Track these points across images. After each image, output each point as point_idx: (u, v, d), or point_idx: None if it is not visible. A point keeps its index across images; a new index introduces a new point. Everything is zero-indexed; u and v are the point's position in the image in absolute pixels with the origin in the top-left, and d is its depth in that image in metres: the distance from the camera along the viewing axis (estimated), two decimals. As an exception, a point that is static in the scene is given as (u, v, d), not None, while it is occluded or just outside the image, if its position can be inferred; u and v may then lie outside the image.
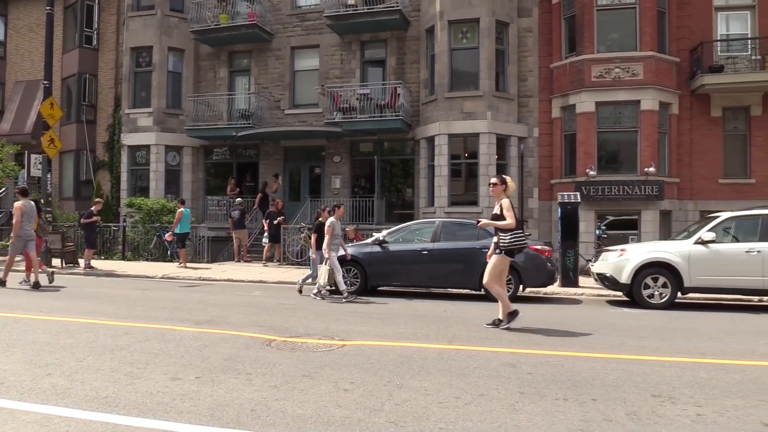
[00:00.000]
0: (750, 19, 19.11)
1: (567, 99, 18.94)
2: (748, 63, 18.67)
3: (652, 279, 11.31)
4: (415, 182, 20.91)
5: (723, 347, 7.55)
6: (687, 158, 18.95)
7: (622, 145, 18.60)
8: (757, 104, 18.72)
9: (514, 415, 4.65)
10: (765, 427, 4.47)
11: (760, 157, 18.74)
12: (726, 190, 18.83)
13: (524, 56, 19.96)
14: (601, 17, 18.53)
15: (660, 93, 18.16)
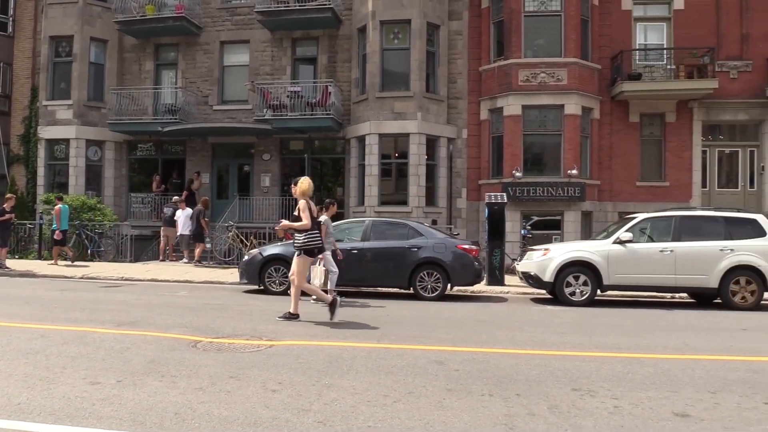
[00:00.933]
0: (666, 31, 20.11)
1: (495, 102, 19.39)
2: (663, 72, 19.64)
3: (574, 277, 11.73)
4: (346, 181, 20.91)
5: (638, 342, 7.92)
6: (607, 161, 19.75)
7: (546, 148, 19.20)
8: (671, 111, 19.73)
9: (441, 412, 4.73)
10: (675, 417, 4.72)
11: (674, 162, 19.76)
12: (642, 192, 19.75)
13: (454, 58, 20.29)
14: (528, 23, 19.06)
15: (583, 98, 18.85)
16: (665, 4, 20.05)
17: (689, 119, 19.76)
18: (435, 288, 12.12)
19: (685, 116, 19.76)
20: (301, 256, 8.86)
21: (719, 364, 6.65)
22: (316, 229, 8.95)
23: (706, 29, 19.70)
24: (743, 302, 11.44)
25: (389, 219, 14.12)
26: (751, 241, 11.60)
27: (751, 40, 19.60)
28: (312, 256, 8.98)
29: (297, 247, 8.87)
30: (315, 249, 8.90)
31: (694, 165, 19.74)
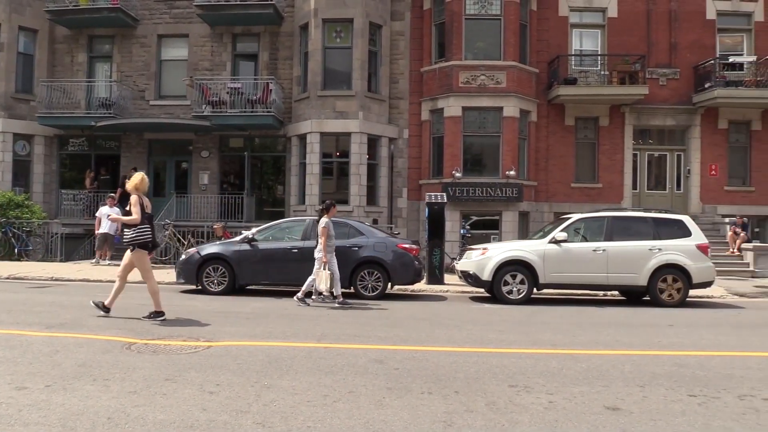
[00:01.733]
0: (600, 37, 20.81)
1: (436, 103, 19.61)
2: (597, 77, 20.32)
3: (511, 276, 11.98)
4: (287, 180, 20.72)
5: (572, 338, 8.16)
6: (543, 163, 20.28)
7: (485, 149, 19.56)
8: (604, 115, 20.43)
9: (381, 411, 4.75)
10: (607, 410, 4.89)
11: (606, 164, 20.46)
12: (577, 193, 20.37)
13: (396, 59, 20.40)
14: (469, 26, 19.35)
15: (521, 101, 19.29)
16: (600, 12, 20.74)
17: (621, 123, 20.51)
18: (375, 287, 12.16)
19: (617, 120, 20.49)
20: (135, 251, 8.80)
21: (648, 359, 6.92)
22: (146, 224, 8.80)
23: (638, 37, 20.49)
24: (670, 299, 11.94)
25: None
26: (677, 241, 12.12)
27: (679, 49, 20.50)
28: (147, 250, 8.87)
29: (127, 242, 8.82)
30: (148, 243, 8.82)
31: (625, 167, 20.50)
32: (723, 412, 4.95)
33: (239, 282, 12.38)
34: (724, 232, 19.03)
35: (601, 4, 20.63)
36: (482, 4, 19.32)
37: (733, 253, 18.28)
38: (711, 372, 6.31)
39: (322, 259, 10.89)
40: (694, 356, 7.14)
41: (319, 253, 10.97)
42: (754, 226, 20.54)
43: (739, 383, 5.87)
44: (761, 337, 8.63)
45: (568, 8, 20.59)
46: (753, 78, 19.82)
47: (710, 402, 5.22)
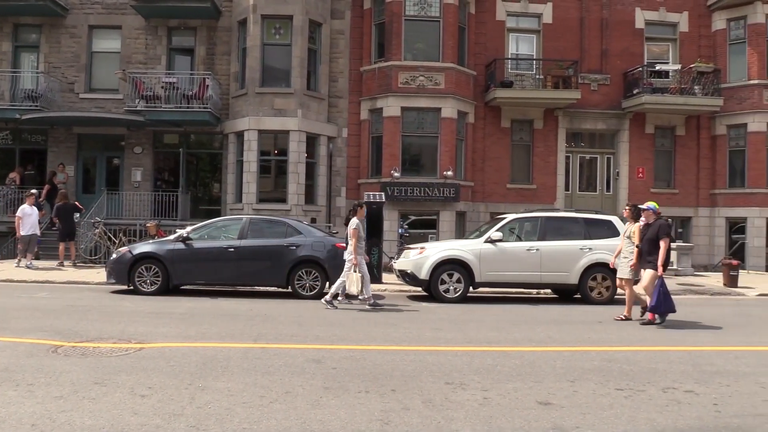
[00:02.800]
0: (536, 42, 21.33)
1: (375, 102, 19.66)
2: (533, 81, 20.82)
3: (448, 275, 12.14)
4: (223, 177, 20.34)
5: (507, 336, 8.35)
6: (480, 164, 20.64)
7: (424, 149, 19.76)
8: (539, 118, 20.97)
9: (318, 410, 4.74)
10: (539, 405, 5.03)
11: (541, 166, 21.02)
12: (513, 194, 20.84)
13: (336, 57, 20.34)
14: (408, 27, 19.48)
15: (459, 102, 19.57)
16: (536, 18, 21.26)
17: (555, 126, 21.10)
18: (313, 286, 12.11)
19: (551, 123, 21.07)
20: None
21: (578, 355, 7.16)
22: None
23: (571, 43, 21.13)
24: (599, 297, 12.38)
25: (268, 217, 13.94)
26: (606, 241, 12.56)
27: (610, 55, 21.25)
28: None
29: None
30: None
31: (558, 169, 21.10)
32: (648, 404, 5.17)
33: (173, 282, 12.08)
34: (650, 232, 19.81)
35: (537, 10, 21.16)
36: (422, 5, 19.49)
37: (658, 253, 19.06)
38: (637, 366, 6.58)
39: (353, 261, 10.77)
40: (621, 352, 7.43)
41: (350, 255, 10.86)
42: (678, 226, 21.51)
43: (662, 377, 6.14)
44: (683, 332, 9.05)
45: (505, 13, 21.03)
46: (677, 85, 20.74)
47: (636, 395, 5.44)
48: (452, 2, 19.32)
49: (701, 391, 5.64)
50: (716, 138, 21.65)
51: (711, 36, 21.71)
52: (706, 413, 4.96)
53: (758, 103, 20.75)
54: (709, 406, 5.15)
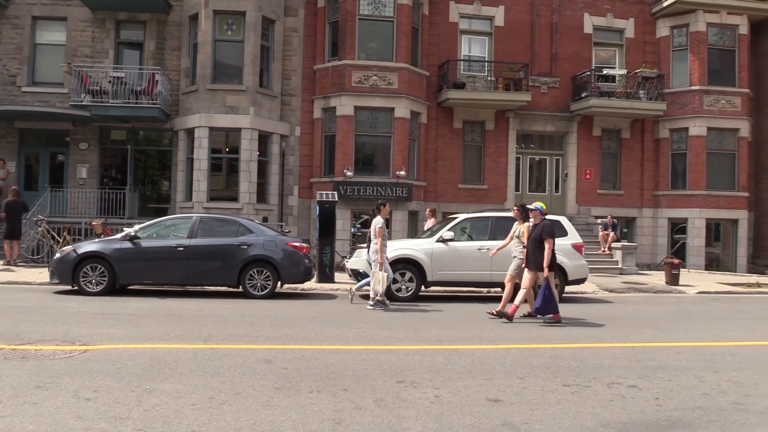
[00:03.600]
0: (488, 45, 21.63)
1: (328, 101, 19.59)
2: (485, 83, 21.11)
3: (400, 274, 12.18)
4: (173, 175, 19.93)
5: (457, 334, 8.44)
6: (432, 164, 20.81)
7: (377, 149, 19.80)
8: (490, 120, 21.27)
9: (269, 411, 4.70)
10: (489, 402, 5.11)
11: (492, 167, 21.33)
12: (464, 194, 21.08)
13: (289, 55, 20.18)
14: (362, 26, 19.48)
15: (412, 103, 19.67)
16: (488, 20, 21.55)
17: (506, 128, 21.44)
18: (265, 286, 11.98)
19: (502, 125, 21.41)
20: None
21: (527, 352, 7.29)
22: None
23: (522, 46, 21.50)
24: (548, 296, 12.61)
25: (218, 215, 13.73)
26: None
27: (559, 59, 21.72)
28: None
29: None
30: None
31: (509, 170, 21.46)
32: (593, 399, 5.31)
33: (120, 282, 11.78)
34: (597, 232, 20.37)
35: (489, 13, 21.46)
36: (376, 5, 19.52)
37: (604, 252, 19.61)
38: (583, 363, 6.74)
39: (378, 260, 10.82)
40: (569, 348, 7.60)
41: (375, 255, 10.90)
42: (623, 226, 22.15)
43: (607, 372, 6.32)
44: (627, 330, 9.33)
45: (459, 15, 21.25)
46: (623, 90, 21.37)
47: (582, 391, 5.58)
48: (406, 3, 19.41)
49: (644, 385, 5.82)
50: (659, 141, 22.38)
51: (655, 42, 22.42)
52: (648, 407, 5.12)
53: (699, 108, 21.56)
54: (651, 401, 5.32)
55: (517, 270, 10.18)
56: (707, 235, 21.83)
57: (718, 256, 22.32)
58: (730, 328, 9.81)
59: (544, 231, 9.61)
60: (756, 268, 22.35)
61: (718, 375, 6.35)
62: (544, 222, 9.82)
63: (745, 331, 9.59)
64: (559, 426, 4.59)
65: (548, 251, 9.51)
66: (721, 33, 22.03)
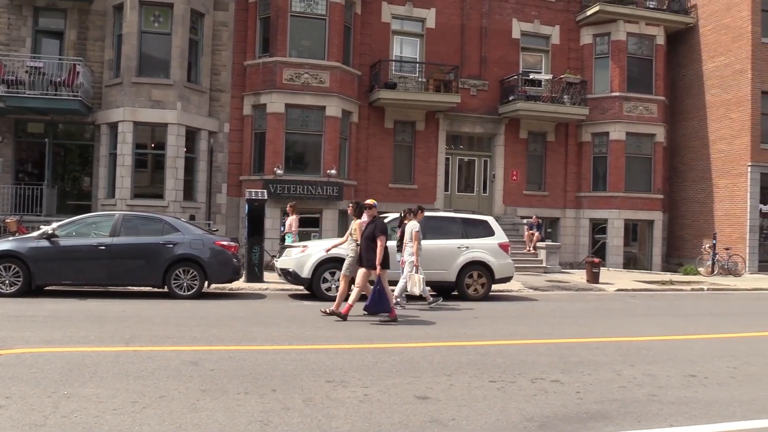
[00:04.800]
0: (419, 46, 21.86)
1: (259, 98, 19.31)
2: (416, 83, 21.32)
3: (330, 273, 12.15)
4: (95, 171, 19.15)
5: (386, 333, 8.51)
6: (363, 163, 20.86)
7: (308, 147, 19.67)
8: (421, 120, 21.51)
9: (195, 414, 4.59)
10: (417, 399, 5.17)
11: (422, 167, 21.58)
12: (395, 193, 21.23)
13: (218, 50, 19.75)
14: (294, 23, 19.29)
15: (343, 102, 19.65)
16: (420, 22, 21.79)
17: (436, 129, 21.74)
18: (191, 286, 11.69)
19: (432, 126, 21.69)
20: None
21: (455, 350, 7.42)
22: None
23: (453, 49, 21.86)
24: (475, 293, 12.90)
25: (142, 213, 13.27)
26: (482, 240, 13.13)
27: (488, 63, 22.20)
28: None
29: None
30: None
31: (438, 170, 21.77)
32: (518, 394, 5.47)
33: (36, 282, 11.22)
34: (522, 231, 20.94)
35: (421, 14, 21.69)
36: (308, 2, 19.38)
37: (529, 251, 20.19)
38: (509, 359, 6.93)
39: (414, 262, 10.97)
40: (495, 345, 7.80)
41: (411, 257, 11.07)
42: (547, 226, 22.87)
43: (531, 368, 6.51)
44: (551, 327, 9.65)
45: (391, 15, 21.38)
46: (549, 94, 22.07)
47: (508, 386, 5.73)
48: (339, 1, 19.36)
49: (566, 380, 6.04)
50: (582, 144, 23.24)
51: (579, 49, 23.27)
52: (570, 401, 5.31)
53: (619, 114, 22.52)
54: (572, 394, 5.52)
55: (351, 268, 9.95)
56: (625, 235, 22.84)
57: (635, 255, 23.39)
58: (645, 324, 10.30)
59: (377, 228, 9.41)
60: (669, 266, 23.57)
61: (634, 368, 6.65)
62: (378, 220, 9.66)
63: (659, 326, 10.09)
64: (485, 421, 4.69)
65: (380, 249, 9.29)
66: (640, 43, 23.10)
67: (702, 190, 23.86)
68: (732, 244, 22.02)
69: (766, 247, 22.78)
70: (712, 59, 23.53)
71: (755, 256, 22.10)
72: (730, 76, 22.76)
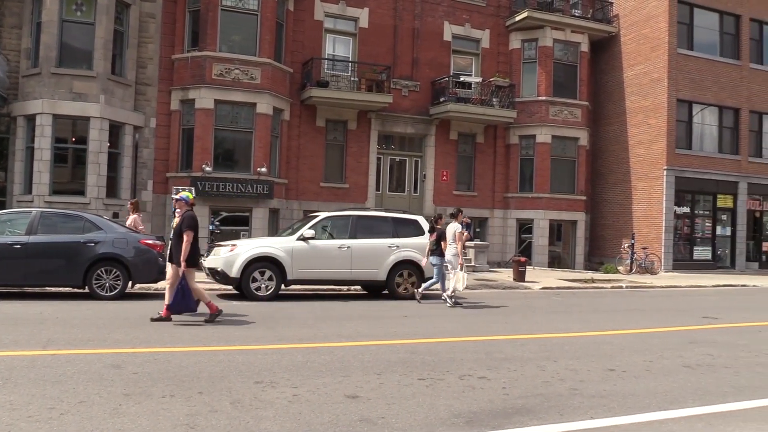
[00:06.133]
0: (352, 45, 21.86)
1: (187, 93, 18.82)
2: (348, 83, 21.30)
3: (260, 272, 11.99)
4: (10, 166, 18.17)
5: (317, 332, 8.47)
6: (295, 162, 20.68)
7: (238, 145, 19.32)
8: (353, 120, 21.52)
9: (117, 419, 4.44)
10: (347, 399, 5.17)
11: (354, 166, 21.59)
12: (326, 192, 21.16)
13: (145, 42, 19.12)
14: (225, 17, 18.88)
15: (275, 99, 19.40)
16: (353, 21, 21.78)
17: (368, 128, 21.80)
18: (114, 286, 11.28)
19: (364, 125, 21.74)
20: None
21: (385, 348, 7.47)
22: None
23: (386, 49, 21.97)
24: (405, 292, 13.02)
25: (62, 210, 12.66)
26: (412, 239, 13.27)
27: (420, 64, 22.44)
28: None
29: None
30: None
31: (370, 170, 21.84)
32: (446, 391, 5.56)
33: (-57, 282, 10.58)
34: (452, 231, 21.23)
35: (354, 14, 21.69)
36: (239, -3, 19.06)
37: (459, 251, 20.51)
38: (438, 357, 7.03)
39: (459, 261, 12.08)
40: (424, 343, 7.90)
41: (455, 257, 12.08)
42: (476, 226, 23.34)
43: (459, 365, 6.63)
44: (479, 324, 9.86)
45: (324, 13, 21.27)
46: (479, 96, 22.52)
47: (436, 383, 5.82)
48: (270, -3, 19.12)
49: (493, 376, 6.18)
50: (510, 147, 23.84)
51: (508, 54, 23.85)
52: (496, 396, 5.45)
53: (545, 117, 23.23)
54: (499, 390, 5.66)
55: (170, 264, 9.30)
56: (550, 235, 23.60)
57: (560, 254, 24.20)
58: (568, 321, 10.67)
59: (185, 222, 8.89)
60: (591, 265, 24.51)
61: (557, 364, 6.88)
62: (188, 213, 9.08)
63: (581, 323, 10.48)
64: (414, 418, 4.75)
65: (186, 244, 8.75)
66: (566, 49, 23.89)
67: (622, 192, 24.94)
68: (649, 244, 23.12)
69: (680, 246, 24.05)
70: (632, 67, 24.62)
71: (670, 255, 23.28)
72: (648, 84, 23.87)
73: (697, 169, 23.87)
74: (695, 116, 24.24)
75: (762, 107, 25.42)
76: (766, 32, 25.79)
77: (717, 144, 24.90)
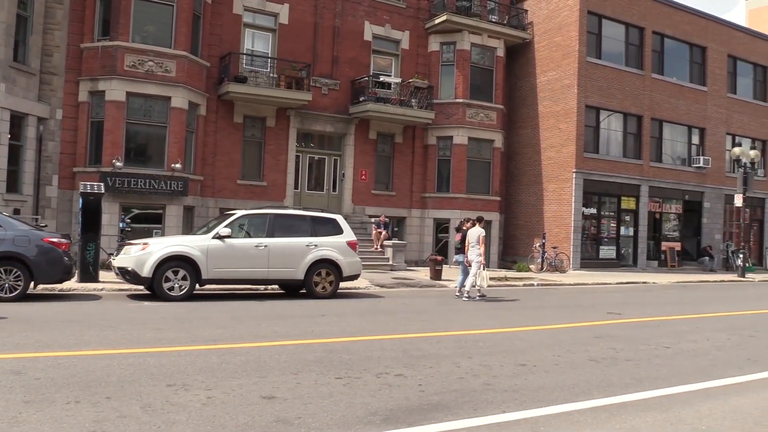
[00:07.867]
0: (272, 41, 21.56)
1: (96, 84, 18.00)
2: (267, 79, 20.99)
3: (173, 272, 11.64)
4: None
5: (233, 333, 8.32)
6: (211, 158, 20.19)
7: (151, 139, 18.66)
8: (271, 117, 21.24)
9: (16, 428, 4.21)
10: (263, 399, 5.11)
11: (272, 164, 21.31)
12: (243, 190, 20.79)
13: (51, 29, 18.11)
14: (138, 6, 18.14)
15: (190, 93, 18.86)
16: (272, 17, 21.49)
17: (287, 126, 21.58)
18: (14, 287, 10.64)
19: (283, 123, 21.50)
20: None
21: (302, 348, 7.43)
22: None
23: (305, 46, 21.81)
24: (324, 291, 12.99)
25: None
26: (331, 238, 13.25)
27: (340, 63, 22.42)
28: None
29: None
30: None
31: (288, 168, 21.64)
32: (363, 390, 5.59)
33: None
34: (370, 230, 21.40)
35: (274, 9, 21.40)
36: (153, -14, 18.38)
37: (377, 250, 20.68)
38: (355, 355, 7.06)
39: (481, 261, 13.61)
40: (341, 342, 7.91)
41: (479, 257, 13.56)
42: (394, 225, 23.57)
43: (377, 363, 6.69)
44: (396, 322, 9.97)
45: (243, 7, 20.87)
46: (398, 97, 22.76)
47: (353, 382, 5.84)
48: (187, -12, 18.57)
49: (409, 374, 6.27)
50: (428, 147, 24.22)
51: (427, 56, 24.22)
52: (413, 394, 5.53)
53: (462, 119, 23.76)
54: (415, 387, 5.75)
55: None
56: (466, 235, 24.11)
57: (475, 254, 24.75)
58: (482, 318, 10.96)
59: None
60: (505, 263, 25.26)
61: (472, 360, 7.06)
62: None
63: (495, 320, 10.79)
64: (331, 417, 4.75)
65: None
66: (483, 53, 24.51)
67: (534, 193, 25.85)
68: (559, 243, 24.08)
69: (587, 246, 25.20)
70: (545, 73, 25.57)
71: (578, 254, 24.35)
72: (559, 90, 24.86)
73: (604, 172, 25.08)
74: (602, 122, 25.46)
75: (662, 115, 27.01)
76: (666, 45, 27.41)
77: (622, 149, 26.25)
